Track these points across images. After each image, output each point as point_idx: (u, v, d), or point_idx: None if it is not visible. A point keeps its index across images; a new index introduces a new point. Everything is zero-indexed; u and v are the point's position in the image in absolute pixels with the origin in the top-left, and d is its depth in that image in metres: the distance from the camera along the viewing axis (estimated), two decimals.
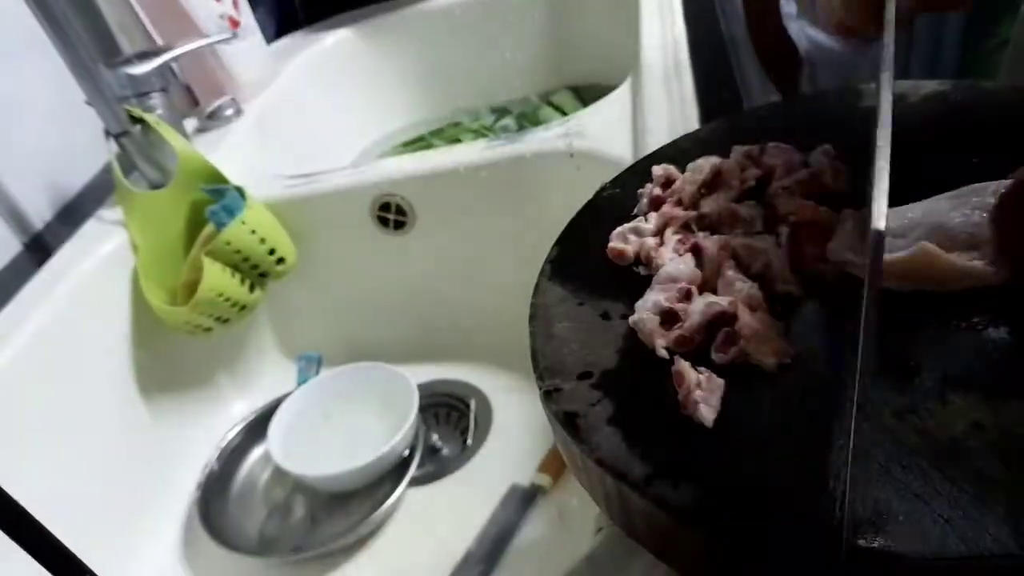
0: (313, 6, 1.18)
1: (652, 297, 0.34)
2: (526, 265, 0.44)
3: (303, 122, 1.01)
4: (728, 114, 0.50)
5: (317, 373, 0.85)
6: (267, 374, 0.86)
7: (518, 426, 0.74)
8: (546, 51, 1.14)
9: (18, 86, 0.74)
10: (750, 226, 0.36)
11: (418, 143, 1.12)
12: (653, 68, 0.70)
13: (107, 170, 0.74)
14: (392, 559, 0.66)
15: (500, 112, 1.14)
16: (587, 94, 1.11)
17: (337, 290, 0.84)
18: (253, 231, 0.71)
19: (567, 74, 1.15)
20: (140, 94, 0.75)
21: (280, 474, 0.73)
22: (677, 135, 0.48)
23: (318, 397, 0.76)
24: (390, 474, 0.70)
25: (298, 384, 0.81)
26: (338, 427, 0.75)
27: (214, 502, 0.70)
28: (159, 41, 0.88)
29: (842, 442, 0.26)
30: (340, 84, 1.10)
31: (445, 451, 0.74)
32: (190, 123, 0.92)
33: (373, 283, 0.84)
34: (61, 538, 0.36)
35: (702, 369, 0.30)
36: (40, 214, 0.74)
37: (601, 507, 0.31)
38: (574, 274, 0.39)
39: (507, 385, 0.79)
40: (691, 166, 0.41)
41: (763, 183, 0.38)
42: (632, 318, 0.33)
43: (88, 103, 0.69)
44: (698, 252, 0.35)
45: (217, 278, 0.69)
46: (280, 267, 0.75)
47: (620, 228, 0.39)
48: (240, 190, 0.73)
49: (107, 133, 0.71)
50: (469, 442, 0.74)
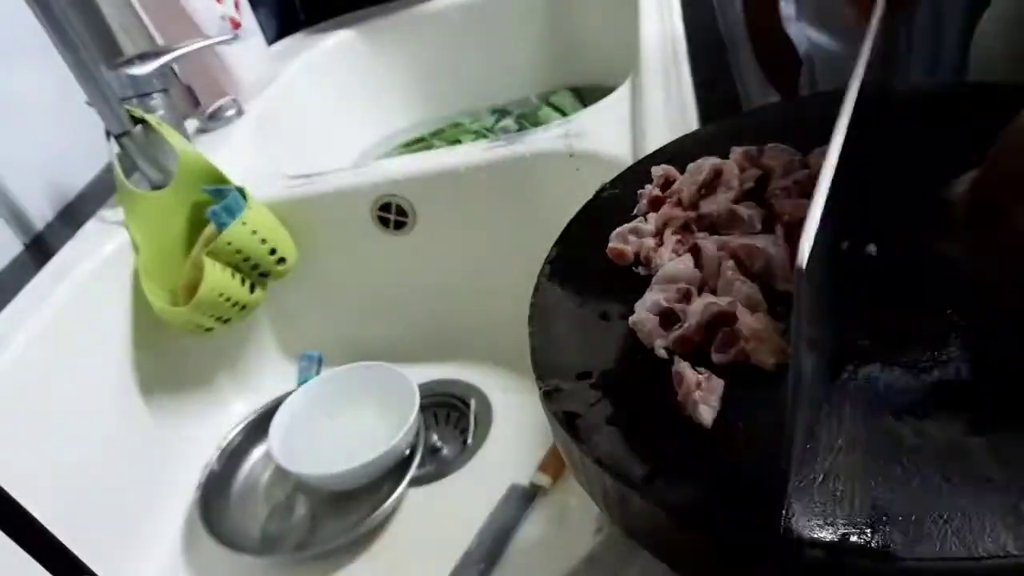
0: (314, 7, 1.18)
1: (651, 297, 0.34)
2: (526, 265, 0.44)
3: (304, 123, 1.01)
4: (727, 115, 0.50)
5: (318, 373, 0.85)
6: (268, 374, 0.86)
7: (518, 426, 0.74)
8: (546, 52, 1.14)
9: (19, 86, 0.74)
10: (749, 226, 0.36)
11: (418, 144, 1.12)
12: (653, 69, 0.70)
13: (108, 170, 0.74)
14: (393, 558, 0.66)
15: (500, 113, 1.14)
16: (587, 95, 1.11)
17: (338, 290, 0.85)
18: (254, 231, 0.72)
19: (567, 75, 1.15)
20: (141, 95, 0.75)
21: (281, 473, 0.73)
22: (676, 136, 0.48)
23: (319, 396, 0.76)
24: (391, 473, 0.70)
25: (299, 384, 0.81)
26: (339, 426, 0.75)
27: (215, 502, 0.70)
28: (160, 42, 0.88)
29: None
30: (341, 85, 1.10)
31: (445, 451, 0.74)
32: (191, 124, 0.92)
33: (373, 283, 0.84)
34: (62, 538, 0.36)
35: (701, 369, 0.30)
36: (41, 214, 0.74)
37: (600, 507, 0.31)
38: (574, 274, 0.39)
39: (507, 385, 0.79)
40: (690, 167, 0.41)
41: (762, 184, 0.38)
42: (631, 318, 0.33)
43: (89, 104, 0.69)
44: (697, 252, 0.35)
45: (218, 278, 0.69)
46: (281, 267, 0.75)
47: (620, 228, 0.39)
48: (241, 190, 0.73)
49: (108, 133, 0.71)
50: (469, 442, 0.74)
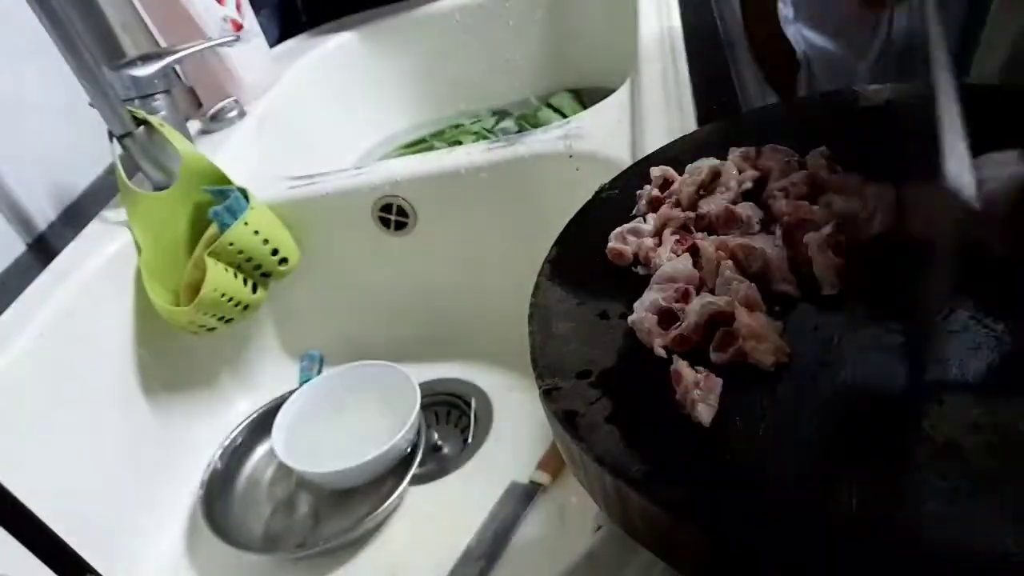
0: (315, 9, 1.19)
1: (650, 297, 0.34)
2: (526, 265, 0.44)
3: (305, 124, 1.01)
4: (726, 116, 0.50)
5: (319, 372, 0.85)
6: (269, 373, 0.86)
7: (518, 424, 0.74)
8: (546, 54, 1.15)
9: (22, 88, 0.74)
10: (747, 227, 0.36)
11: (419, 145, 1.13)
12: (652, 70, 0.71)
13: (111, 171, 0.74)
14: (394, 555, 0.66)
15: (500, 114, 1.14)
16: (586, 96, 1.12)
17: (339, 290, 0.85)
18: (256, 231, 0.72)
19: (567, 76, 1.15)
20: (144, 96, 0.75)
21: (283, 471, 0.73)
22: (675, 137, 0.48)
23: (322, 395, 0.76)
24: (392, 471, 0.70)
25: (300, 383, 0.81)
26: (341, 425, 0.75)
27: (218, 500, 0.70)
28: (163, 43, 0.89)
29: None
30: (342, 86, 1.11)
31: (446, 449, 0.75)
32: (193, 125, 0.93)
33: (374, 283, 0.84)
34: (65, 537, 0.36)
35: (700, 368, 0.30)
36: (44, 214, 0.74)
37: (599, 505, 0.32)
38: (573, 274, 0.39)
39: (507, 384, 0.79)
40: (689, 167, 0.41)
41: (760, 185, 0.39)
42: (631, 318, 0.34)
43: (92, 105, 0.69)
44: (696, 252, 0.35)
45: (220, 278, 0.70)
46: (283, 267, 0.75)
47: (619, 229, 0.39)
48: (243, 191, 0.73)
49: (111, 134, 0.72)
50: (469, 440, 0.75)
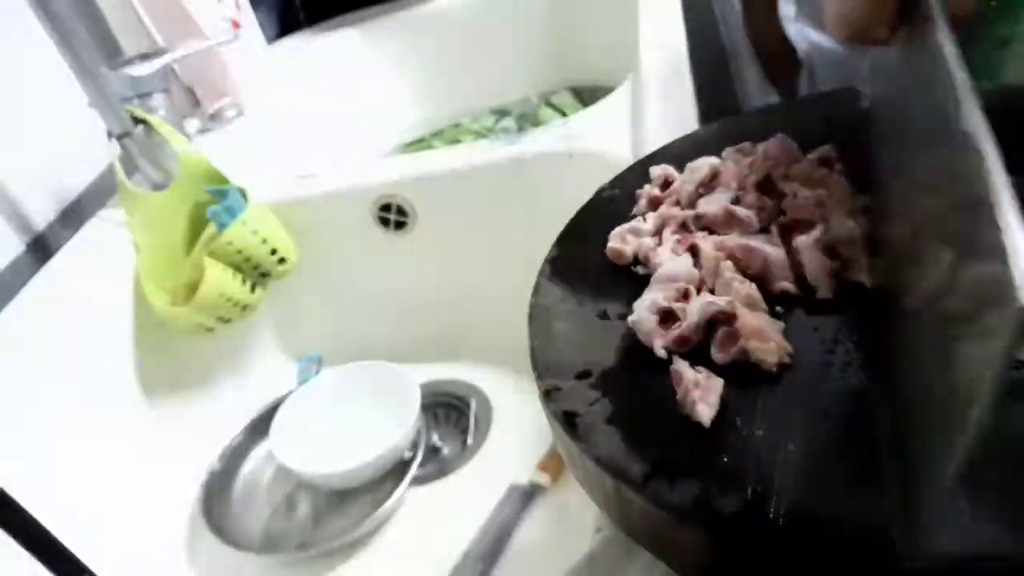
0: (314, 8, 1.18)
1: (650, 297, 0.34)
2: (526, 265, 0.44)
3: (304, 123, 1.01)
4: (727, 115, 0.50)
5: (318, 373, 0.85)
6: (268, 373, 0.86)
7: (518, 425, 0.74)
8: (546, 52, 1.14)
9: (21, 87, 0.74)
10: (748, 226, 0.36)
11: (419, 144, 1.13)
12: (652, 70, 0.70)
13: (109, 171, 0.74)
14: (393, 557, 0.66)
15: (500, 113, 1.14)
16: (587, 95, 1.12)
17: (338, 290, 0.85)
18: (254, 231, 0.72)
19: (567, 75, 1.15)
20: (142, 95, 0.75)
21: (283, 472, 0.73)
22: (676, 136, 0.48)
23: (321, 395, 0.76)
24: (392, 472, 0.70)
25: (299, 383, 0.81)
26: (341, 425, 0.75)
27: (217, 501, 0.70)
28: (161, 43, 0.88)
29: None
30: (341, 85, 1.11)
31: (445, 450, 0.74)
32: (192, 124, 0.92)
33: (374, 283, 0.84)
34: (63, 538, 0.36)
35: (700, 368, 0.30)
36: (42, 214, 0.74)
37: (600, 506, 0.31)
38: (573, 274, 0.39)
39: (507, 384, 0.79)
40: (689, 166, 0.41)
41: (767, 179, 0.38)
42: (631, 318, 0.34)
43: (90, 104, 0.69)
44: (696, 252, 0.35)
45: (219, 278, 0.70)
46: (281, 267, 0.75)
47: (619, 228, 0.39)
48: (241, 191, 0.73)
49: (109, 134, 0.71)
50: (469, 441, 0.75)
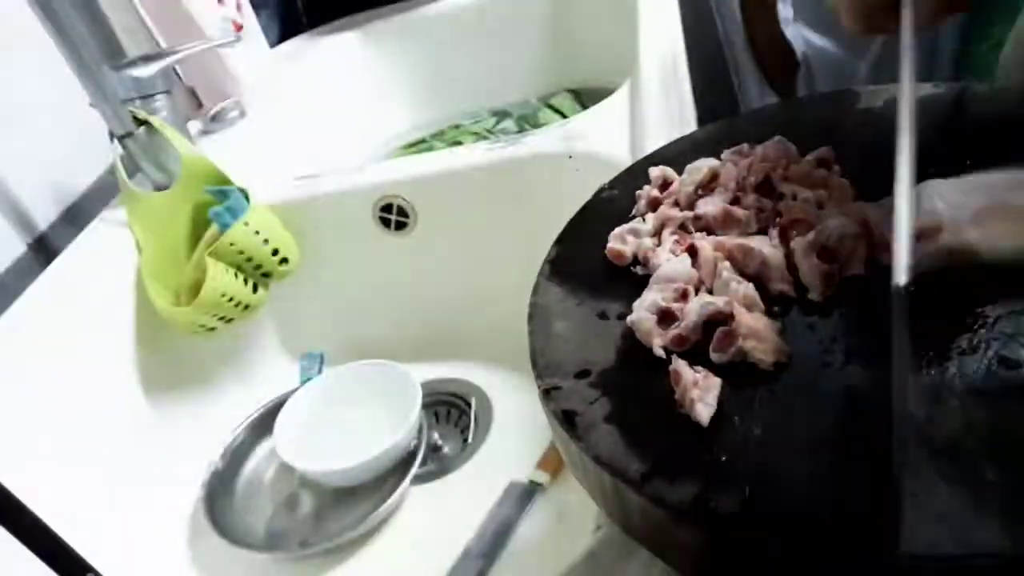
0: (316, 10, 1.19)
1: (649, 297, 0.34)
2: (526, 265, 0.44)
3: (306, 124, 1.01)
4: (725, 117, 0.50)
5: (319, 372, 0.85)
6: (270, 373, 0.86)
7: (518, 424, 0.74)
8: (546, 54, 1.15)
9: (23, 88, 0.74)
10: (746, 227, 0.36)
11: (419, 145, 1.13)
12: (651, 71, 0.71)
13: (111, 172, 0.74)
14: (395, 554, 0.66)
15: (500, 115, 1.14)
16: (586, 97, 1.12)
17: (339, 290, 0.85)
18: (256, 232, 0.72)
19: (566, 77, 1.15)
20: (144, 96, 0.75)
21: (285, 470, 0.73)
22: (675, 137, 0.49)
23: (323, 394, 0.76)
24: (393, 471, 0.70)
25: (301, 382, 0.81)
26: (343, 423, 0.75)
27: (220, 499, 0.70)
28: (163, 44, 0.89)
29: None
30: (342, 87, 1.11)
31: (446, 449, 0.75)
32: (194, 125, 0.93)
33: (375, 283, 0.84)
34: (67, 537, 0.36)
35: (699, 368, 0.30)
36: (45, 215, 0.74)
37: (599, 504, 0.32)
38: (573, 274, 0.39)
39: (507, 383, 0.79)
40: (688, 168, 0.41)
41: (766, 180, 0.39)
42: (630, 317, 0.34)
43: (92, 105, 0.69)
44: (694, 252, 0.36)
45: (221, 278, 0.70)
46: (283, 267, 0.76)
47: (618, 229, 0.40)
48: (243, 191, 0.73)
49: (111, 135, 0.72)
50: (469, 440, 0.75)
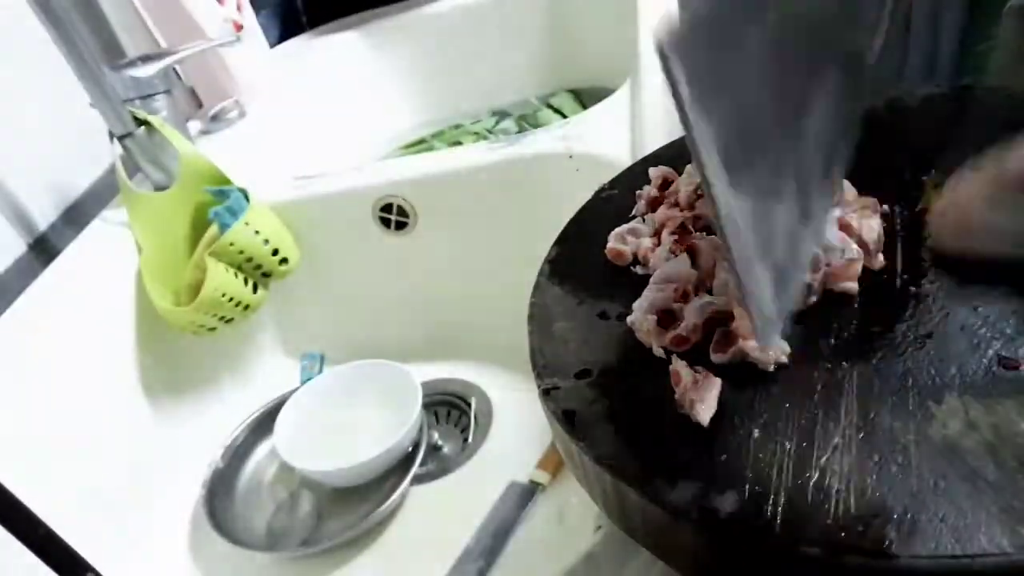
0: (315, 10, 1.19)
1: (649, 297, 0.34)
2: (526, 265, 0.44)
3: (306, 124, 1.01)
4: None
5: (320, 371, 0.85)
6: (270, 373, 0.86)
7: (518, 424, 0.75)
8: (546, 54, 1.15)
9: (23, 88, 0.74)
10: None
11: (419, 145, 1.13)
12: (651, 71, 0.71)
13: (112, 172, 0.74)
14: (395, 554, 0.66)
15: (500, 114, 1.14)
16: (586, 97, 1.12)
17: (339, 290, 0.85)
18: (256, 232, 0.72)
19: (567, 77, 1.15)
20: (144, 96, 0.75)
21: (286, 470, 0.73)
22: (674, 138, 0.49)
23: (324, 393, 0.76)
24: (394, 471, 0.70)
25: (301, 382, 0.81)
26: (343, 423, 0.75)
27: (220, 499, 0.70)
28: (163, 44, 0.89)
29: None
30: (342, 87, 1.11)
31: (446, 449, 0.75)
32: (194, 125, 0.93)
33: (375, 283, 0.84)
34: (67, 537, 0.36)
35: (699, 368, 0.30)
36: (45, 215, 0.74)
37: (599, 504, 0.32)
38: (573, 274, 0.39)
39: (507, 383, 0.79)
40: (688, 168, 0.41)
41: None
42: (630, 318, 0.34)
43: (92, 105, 0.69)
44: (694, 252, 0.36)
45: (221, 278, 0.70)
46: (283, 267, 0.76)
47: (618, 229, 0.40)
48: (243, 191, 0.73)
49: (111, 135, 0.72)
50: (470, 440, 0.75)
